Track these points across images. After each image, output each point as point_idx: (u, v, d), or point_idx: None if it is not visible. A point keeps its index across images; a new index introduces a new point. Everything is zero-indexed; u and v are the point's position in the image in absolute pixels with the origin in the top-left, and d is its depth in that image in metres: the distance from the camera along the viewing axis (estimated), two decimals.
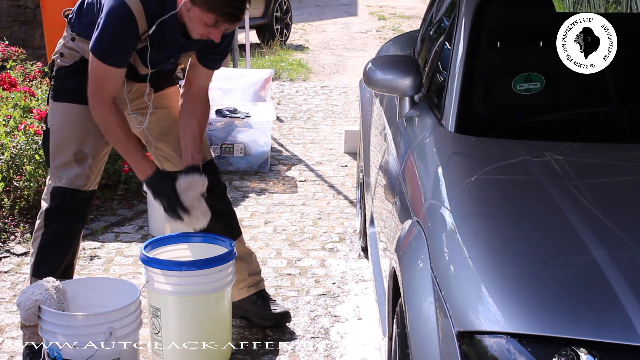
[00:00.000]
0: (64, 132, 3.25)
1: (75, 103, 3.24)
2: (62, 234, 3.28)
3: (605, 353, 1.82)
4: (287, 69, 9.73)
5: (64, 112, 3.25)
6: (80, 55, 3.23)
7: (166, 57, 3.25)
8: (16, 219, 4.74)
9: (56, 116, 3.27)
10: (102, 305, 3.21)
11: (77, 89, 3.20)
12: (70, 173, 3.24)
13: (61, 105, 3.26)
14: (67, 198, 3.25)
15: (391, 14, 15.35)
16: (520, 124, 2.85)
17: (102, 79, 3.10)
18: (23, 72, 6.73)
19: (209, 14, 2.97)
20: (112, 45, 3.05)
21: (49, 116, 3.30)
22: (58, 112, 3.27)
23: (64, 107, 3.26)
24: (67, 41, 3.26)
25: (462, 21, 3.07)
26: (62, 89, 3.27)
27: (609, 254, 2.01)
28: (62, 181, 3.24)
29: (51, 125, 3.28)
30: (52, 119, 3.28)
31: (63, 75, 3.27)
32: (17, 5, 7.86)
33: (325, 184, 5.73)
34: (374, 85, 3.20)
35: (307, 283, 4.18)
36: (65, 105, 3.26)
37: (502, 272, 2.03)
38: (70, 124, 3.25)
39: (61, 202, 3.25)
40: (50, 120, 3.29)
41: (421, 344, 2.08)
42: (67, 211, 3.27)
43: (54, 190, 3.25)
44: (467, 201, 2.40)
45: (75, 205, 3.27)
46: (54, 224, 3.26)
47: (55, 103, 3.28)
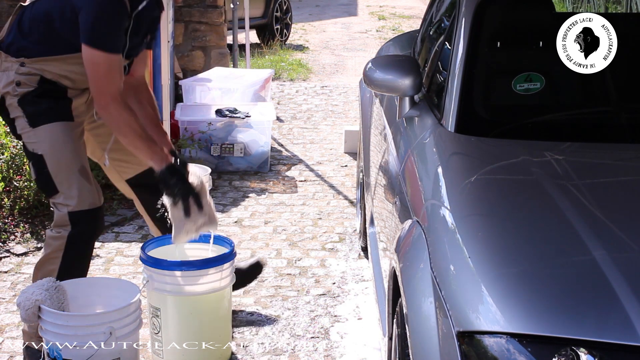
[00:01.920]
0: (61, 152, 3.11)
1: (57, 121, 3.11)
2: (84, 256, 3.27)
3: (605, 353, 1.82)
4: (287, 69, 9.73)
5: (51, 134, 3.10)
6: (39, 75, 3.10)
7: (142, 37, 3.20)
8: (16, 219, 4.74)
9: (44, 141, 3.11)
10: (102, 305, 3.22)
11: (52, 109, 3.11)
12: (83, 192, 3.12)
13: (44, 129, 3.10)
14: (89, 220, 3.15)
15: (391, 14, 15.35)
16: (520, 124, 2.85)
17: (109, 71, 3.01)
18: None
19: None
20: (111, 31, 2.99)
21: (33, 145, 3.13)
22: (44, 136, 3.11)
23: (48, 128, 3.10)
24: (16, 69, 3.09)
25: (462, 21, 3.07)
26: (37, 113, 3.11)
27: (609, 254, 2.02)
28: (77, 204, 3.11)
29: (43, 151, 3.11)
30: (40, 145, 3.12)
31: (32, 100, 3.11)
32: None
33: (325, 184, 5.74)
34: (374, 85, 3.20)
35: (307, 283, 4.18)
36: (49, 126, 3.10)
37: (502, 272, 2.03)
38: (63, 142, 3.11)
39: (86, 225, 3.15)
40: (38, 147, 3.12)
41: (421, 344, 2.08)
42: (90, 233, 3.19)
43: (72, 216, 3.11)
44: (467, 201, 2.40)
45: (97, 224, 3.19)
46: (77, 249, 3.19)
47: (36, 129, 3.11)
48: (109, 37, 3.00)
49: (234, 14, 8.22)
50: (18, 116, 3.14)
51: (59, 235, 3.18)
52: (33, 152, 3.13)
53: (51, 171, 3.11)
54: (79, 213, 3.12)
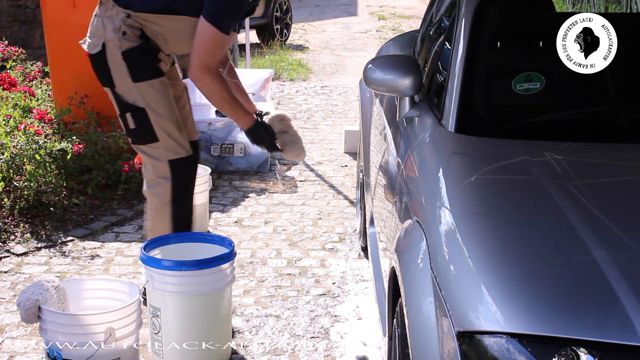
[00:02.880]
0: (162, 106, 3.38)
1: (157, 78, 3.40)
2: (189, 198, 3.50)
3: (605, 353, 1.82)
4: (287, 69, 9.73)
5: (152, 88, 3.37)
6: (141, 30, 3.35)
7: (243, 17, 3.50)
8: (16, 219, 4.74)
9: (147, 95, 3.37)
10: (102, 305, 3.22)
11: (153, 66, 3.40)
12: (180, 141, 3.41)
13: (148, 84, 3.37)
14: (188, 166, 3.44)
15: (391, 14, 15.35)
16: (520, 124, 2.85)
17: (217, 48, 3.28)
18: (23, 72, 6.72)
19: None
20: (233, 15, 3.27)
21: (134, 98, 3.37)
22: (147, 90, 3.37)
23: (151, 84, 3.37)
24: (121, 18, 3.32)
25: (462, 21, 3.07)
26: (141, 69, 3.37)
27: (609, 254, 2.02)
28: (175, 152, 3.40)
29: (145, 104, 3.36)
30: (142, 98, 3.36)
31: (136, 57, 3.36)
32: (17, 5, 7.85)
33: (325, 184, 5.74)
34: (374, 85, 3.20)
35: (307, 283, 4.18)
36: (152, 82, 3.37)
37: (502, 272, 2.03)
38: (162, 96, 3.39)
39: (187, 170, 3.43)
40: (139, 101, 3.37)
41: (421, 344, 2.08)
42: (189, 180, 3.47)
43: (172, 164, 3.39)
44: (467, 201, 2.40)
45: (194, 171, 3.50)
46: (182, 196, 3.44)
47: (139, 84, 3.36)
48: (230, 20, 3.28)
49: None
50: (118, 67, 3.38)
51: (161, 186, 3.44)
52: (134, 104, 3.39)
53: (152, 122, 3.39)
54: (177, 161, 3.42)
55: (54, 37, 5.68)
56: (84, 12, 5.56)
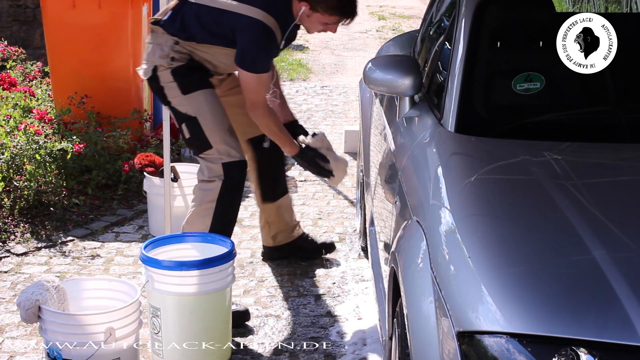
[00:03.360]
0: (213, 114, 3.63)
1: (206, 88, 3.66)
2: (235, 205, 3.71)
3: (605, 353, 1.82)
4: (287, 69, 9.73)
5: (203, 98, 3.64)
6: (189, 56, 3.65)
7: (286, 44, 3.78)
8: (16, 219, 4.74)
9: (196, 105, 3.63)
10: (102, 305, 3.22)
11: (201, 79, 3.68)
12: (232, 146, 3.64)
13: (196, 95, 3.64)
14: (240, 169, 3.65)
15: (391, 14, 15.34)
16: (520, 124, 2.85)
17: (260, 87, 3.62)
18: (23, 72, 6.73)
19: (331, 16, 3.60)
20: (264, 58, 3.60)
21: (186, 109, 3.63)
22: (196, 101, 3.63)
23: (199, 94, 3.64)
24: (170, 45, 3.62)
25: (462, 21, 3.07)
26: (189, 83, 3.64)
27: (609, 254, 2.02)
28: (229, 156, 3.62)
29: (196, 113, 3.62)
30: (193, 108, 3.63)
31: (184, 72, 3.64)
32: (17, 5, 7.85)
33: (325, 184, 5.73)
34: (374, 85, 3.20)
35: (307, 283, 4.18)
36: (200, 92, 3.64)
37: (502, 272, 2.03)
38: (212, 104, 3.65)
39: (237, 174, 3.64)
40: (191, 111, 3.63)
41: (421, 344, 2.09)
42: (240, 182, 3.67)
43: (226, 167, 3.61)
44: (467, 201, 2.40)
45: (244, 174, 3.69)
46: (229, 197, 3.64)
47: (188, 95, 3.63)
48: (258, 62, 3.59)
49: None
50: (169, 84, 3.65)
51: (212, 184, 3.64)
52: (186, 114, 3.65)
53: (205, 130, 3.63)
54: (231, 164, 3.63)
55: (54, 37, 5.68)
56: (84, 12, 5.58)
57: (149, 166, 4.84)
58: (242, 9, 3.54)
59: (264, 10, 3.54)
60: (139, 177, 5.04)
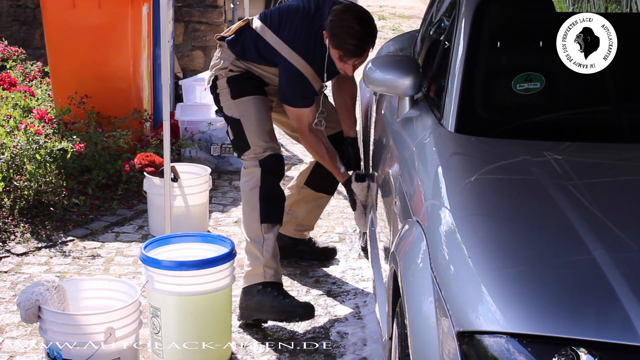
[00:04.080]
0: (256, 116, 3.82)
1: (254, 95, 3.86)
2: (276, 186, 3.85)
3: (605, 353, 1.82)
4: None
5: (249, 103, 3.85)
6: (246, 69, 3.88)
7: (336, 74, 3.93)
8: (16, 219, 4.74)
9: (242, 108, 3.84)
10: (102, 305, 3.22)
11: (251, 87, 3.88)
12: (269, 145, 3.81)
13: (244, 100, 3.85)
14: (276, 161, 3.82)
15: (391, 14, 15.35)
16: (520, 124, 2.85)
17: (302, 118, 3.83)
18: (23, 72, 6.73)
19: (335, 50, 3.66)
20: (298, 97, 3.80)
21: (232, 112, 3.86)
22: (243, 105, 3.85)
23: (246, 100, 3.85)
24: (232, 60, 3.88)
25: (462, 21, 3.07)
26: (239, 89, 3.87)
27: (609, 254, 2.02)
28: (264, 152, 3.79)
29: (240, 116, 3.83)
30: (239, 112, 3.84)
31: (237, 81, 3.88)
32: (17, 5, 7.85)
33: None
34: (374, 85, 3.20)
35: (307, 283, 4.18)
36: (247, 98, 3.85)
37: (502, 272, 2.03)
38: (256, 109, 3.84)
39: (273, 161, 3.80)
40: (237, 114, 3.84)
41: (421, 344, 2.09)
42: (278, 172, 3.86)
43: (262, 161, 3.78)
44: (467, 201, 2.40)
45: (282, 165, 3.87)
46: (269, 181, 3.80)
47: (237, 100, 3.86)
48: (293, 99, 3.80)
49: (234, 14, 8.22)
50: (223, 90, 3.90)
51: (252, 174, 3.80)
52: (232, 117, 3.88)
53: (246, 131, 3.82)
54: (266, 158, 3.80)
55: (54, 37, 5.68)
56: (84, 12, 5.58)
57: (149, 166, 4.84)
58: (284, 50, 3.77)
59: (301, 56, 3.75)
60: (139, 177, 5.04)
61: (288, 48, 3.77)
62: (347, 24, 3.61)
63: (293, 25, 3.80)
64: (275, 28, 3.84)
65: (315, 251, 4.42)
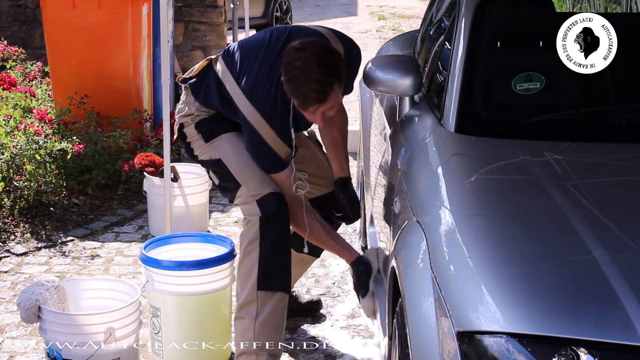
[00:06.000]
0: (238, 153, 3.30)
1: (229, 132, 3.34)
2: (282, 242, 3.24)
3: (605, 353, 1.82)
4: None
5: (228, 141, 3.34)
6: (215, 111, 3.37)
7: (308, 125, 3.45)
8: (16, 219, 4.74)
9: (221, 148, 3.34)
10: (102, 305, 3.22)
11: (224, 125, 3.35)
12: (265, 181, 3.25)
13: (220, 139, 3.35)
14: (277, 201, 3.22)
15: (391, 14, 15.35)
16: (520, 124, 2.85)
17: (281, 183, 3.26)
18: (23, 72, 6.73)
19: (295, 99, 3.07)
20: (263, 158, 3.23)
21: (210, 154, 3.36)
22: (221, 144, 3.34)
23: (223, 138, 3.34)
24: (197, 106, 3.38)
25: (462, 21, 3.07)
26: (212, 130, 3.36)
27: (609, 254, 2.01)
28: (262, 190, 3.23)
29: (220, 155, 3.33)
30: (219, 152, 3.33)
31: (208, 122, 3.37)
32: (17, 5, 7.86)
33: None
34: (374, 85, 3.20)
35: (307, 283, 4.18)
36: (224, 136, 3.34)
37: (502, 272, 2.03)
38: (238, 144, 3.31)
39: (275, 207, 3.21)
40: (215, 154, 3.34)
41: (421, 344, 2.08)
42: (282, 214, 3.24)
43: (260, 202, 3.21)
44: (467, 201, 2.40)
45: (285, 205, 3.24)
46: (273, 232, 3.21)
47: (213, 141, 3.36)
48: (262, 163, 3.24)
49: (234, 14, 8.22)
50: (194, 138, 3.41)
51: (251, 223, 3.23)
52: (211, 159, 3.36)
53: (230, 169, 3.29)
54: (265, 197, 3.21)
55: (54, 37, 5.68)
56: (84, 12, 5.58)
57: (149, 166, 4.84)
58: (242, 104, 3.23)
59: (259, 112, 3.19)
60: (139, 177, 5.04)
61: (246, 101, 3.19)
62: (303, 65, 3.00)
63: (254, 68, 3.21)
64: (236, 72, 3.27)
65: (298, 307, 3.87)
